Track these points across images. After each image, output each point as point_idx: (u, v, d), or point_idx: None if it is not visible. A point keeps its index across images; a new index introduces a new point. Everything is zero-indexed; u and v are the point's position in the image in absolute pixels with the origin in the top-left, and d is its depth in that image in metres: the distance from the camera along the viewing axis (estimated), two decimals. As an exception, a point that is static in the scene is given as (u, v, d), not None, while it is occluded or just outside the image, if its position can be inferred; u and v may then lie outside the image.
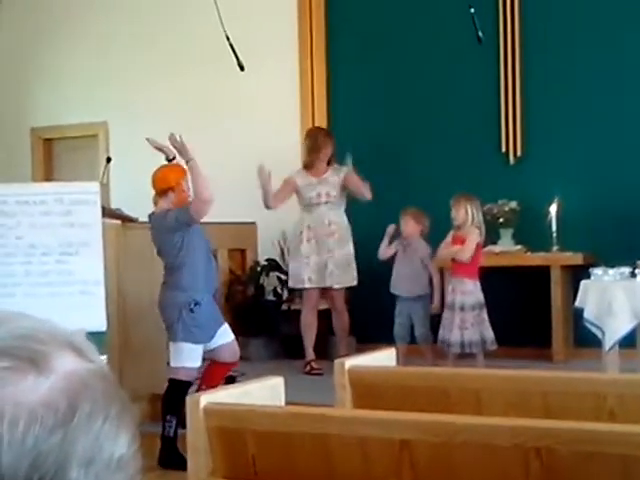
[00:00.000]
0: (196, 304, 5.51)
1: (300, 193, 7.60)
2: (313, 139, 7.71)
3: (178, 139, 5.58)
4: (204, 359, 5.94)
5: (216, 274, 5.88)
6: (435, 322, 6.97)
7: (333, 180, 7.58)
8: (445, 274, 7.28)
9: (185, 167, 5.67)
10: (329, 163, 7.65)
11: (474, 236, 6.76)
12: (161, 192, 5.70)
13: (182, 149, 5.55)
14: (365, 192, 7.49)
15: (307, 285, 7.51)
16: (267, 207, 7.60)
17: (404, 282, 7.15)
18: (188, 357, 5.58)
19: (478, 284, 6.77)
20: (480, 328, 6.66)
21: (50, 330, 0.83)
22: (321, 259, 7.48)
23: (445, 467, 2.82)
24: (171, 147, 5.70)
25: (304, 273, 7.51)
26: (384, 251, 7.22)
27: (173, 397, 5.58)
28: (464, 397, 3.57)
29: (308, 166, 7.64)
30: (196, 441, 3.16)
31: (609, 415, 3.28)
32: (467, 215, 6.78)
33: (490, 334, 6.68)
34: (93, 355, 0.85)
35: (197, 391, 5.12)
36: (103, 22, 9.76)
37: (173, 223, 5.50)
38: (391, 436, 2.87)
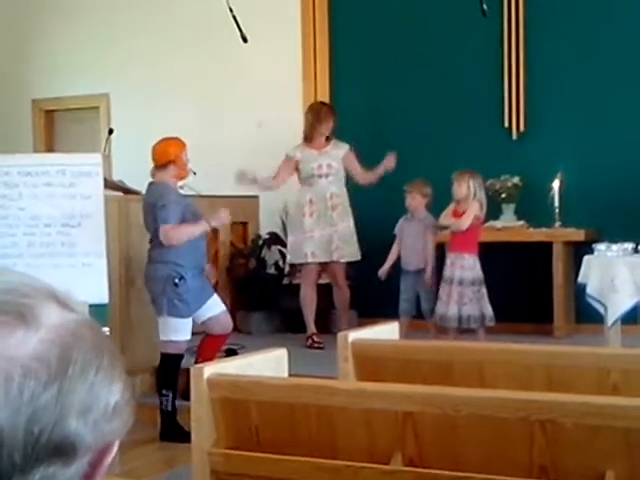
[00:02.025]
0: (180, 278, 5.51)
1: (300, 166, 7.56)
2: (316, 112, 7.67)
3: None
4: (197, 332, 5.96)
5: (205, 250, 5.87)
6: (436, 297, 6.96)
7: (334, 153, 7.56)
8: (444, 248, 7.22)
9: (185, 143, 5.72)
10: (328, 139, 7.62)
11: (474, 208, 6.71)
12: (161, 165, 5.73)
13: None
14: (364, 176, 7.51)
15: (310, 259, 7.48)
16: (270, 190, 7.65)
17: (412, 256, 7.11)
18: (175, 330, 5.59)
19: (478, 260, 6.72)
20: (480, 304, 6.64)
21: (32, 283, 0.82)
22: (324, 233, 7.44)
23: (449, 439, 2.82)
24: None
25: (306, 248, 7.47)
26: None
27: (166, 371, 5.61)
28: (467, 370, 3.57)
29: (308, 138, 7.60)
30: (200, 412, 3.17)
31: (612, 389, 3.29)
32: (469, 190, 6.73)
33: (489, 310, 6.64)
34: (76, 306, 0.84)
35: (195, 364, 5.15)
36: (105, -7, 9.71)
37: (157, 212, 5.58)
38: (394, 408, 2.87)
